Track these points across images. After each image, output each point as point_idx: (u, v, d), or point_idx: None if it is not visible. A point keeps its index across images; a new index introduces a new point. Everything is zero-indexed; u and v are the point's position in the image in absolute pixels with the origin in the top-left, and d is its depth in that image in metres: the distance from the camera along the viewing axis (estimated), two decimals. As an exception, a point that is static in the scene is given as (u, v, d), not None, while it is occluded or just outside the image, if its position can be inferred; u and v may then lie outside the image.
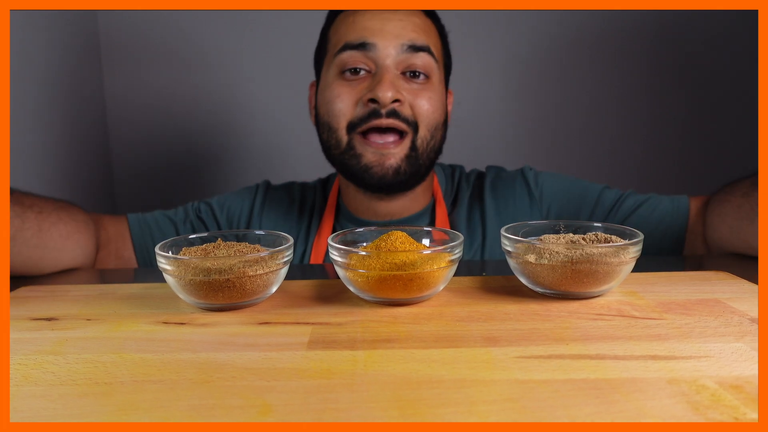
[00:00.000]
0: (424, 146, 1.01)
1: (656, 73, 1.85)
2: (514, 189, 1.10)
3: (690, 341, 0.50)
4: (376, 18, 0.99)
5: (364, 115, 0.98)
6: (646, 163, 1.89)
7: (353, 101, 0.99)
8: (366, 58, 0.99)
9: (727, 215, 0.89)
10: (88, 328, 0.57)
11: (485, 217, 1.07)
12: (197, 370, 0.46)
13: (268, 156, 1.86)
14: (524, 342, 0.51)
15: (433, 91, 1.01)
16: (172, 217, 1.11)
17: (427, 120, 1.00)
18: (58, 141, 1.52)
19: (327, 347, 0.50)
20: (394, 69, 0.99)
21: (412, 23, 1.00)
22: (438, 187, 1.12)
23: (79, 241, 0.93)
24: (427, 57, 1.00)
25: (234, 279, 0.59)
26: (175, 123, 1.83)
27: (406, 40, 0.98)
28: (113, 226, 1.04)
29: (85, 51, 1.69)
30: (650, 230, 0.99)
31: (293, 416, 0.39)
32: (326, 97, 1.02)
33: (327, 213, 1.10)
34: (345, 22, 1.02)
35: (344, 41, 1.00)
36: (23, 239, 0.82)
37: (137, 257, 1.06)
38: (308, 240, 1.10)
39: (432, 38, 1.03)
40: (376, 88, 0.96)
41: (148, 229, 1.07)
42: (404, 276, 0.59)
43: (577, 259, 0.59)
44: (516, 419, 0.37)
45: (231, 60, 1.80)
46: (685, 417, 0.37)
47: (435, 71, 1.02)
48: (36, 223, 0.85)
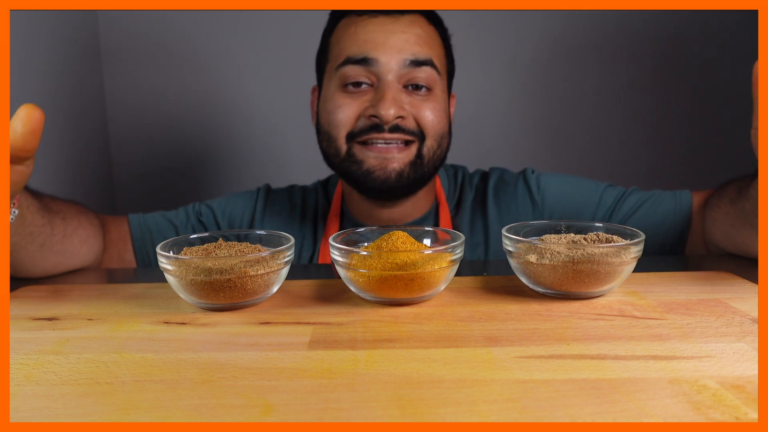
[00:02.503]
0: (430, 155, 1.01)
1: (660, 74, 1.84)
2: (516, 195, 1.09)
3: (691, 341, 0.50)
4: (377, 30, 0.98)
5: (365, 127, 0.98)
6: (650, 163, 1.89)
7: (355, 114, 0.99)
8: (368, 72, 0.98)
9: (717, 220, 0.89)
10: (89, 328, 0.57)
11: (488, 223, 1.07)
12: (198, 370, 0.46)
13: (268, 157, 1.86)
14: (525, 342, 0.51)
15: (436, 102, 1.00)
16: (172, 219, 1.10)
17: (433, 131, 1.00)
18: (58, 142, 1.52)
19: (328, 347, 0.50)
20: (396, 83, 0.98)
21: (415, 35, 0.98)
22: (441, 189, 1.12)
23: (92, 246, 0.93)
24: (429, 70, 0.99)
25: (235, 279, 0.59)
26: (175, 124, 1.83)
27: (409, 55, 0.97)
28: (115, 228, 1.04)
29: (85, 52, 1.68)
30: (653, 228, 0.99)
31: (294, 416, 0.39)
32: (328, 108, 1.01)
33: (332, 217, 1.10)
34: (347, 33, 1.00)
35: (346, 54, 0.99)
36: (50, 245, 0.82)
37: (137, 259, 1.06)
38: (316, 244, 1.09)
39: (435, 48, 1.02)
40: (378, 105, 0.95)
41: (148, 231, 1.07)
42: (405, 276, 0.59)
43: (578, 259, 0.59)
44: (517, 419, 0.37)
45: (232, 61, 1.79)
46: (687, 417, 0.37)
47: (438, 82, 1.01)
48: (62, 230, 0.85)
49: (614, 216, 1.03)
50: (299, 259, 1.09)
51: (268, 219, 1.13)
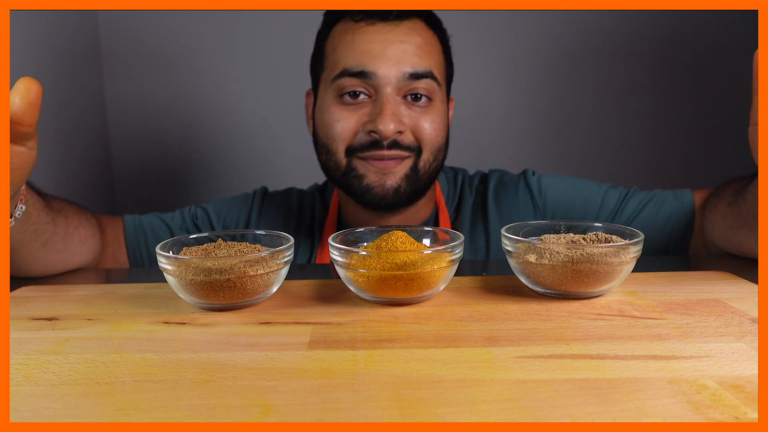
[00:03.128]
0: (426, 168, 1.00)
1: (660, 74, 1.84)
2: (517, 198, 1.08)
3: (690, 341, 0.50)
4: (375, 40, 0.95)
5: (365, 143, 0.96)
6: (650, 163, 1.89)
7: (353, 128, 0.97)
8: (366, 84, 0.95)
9: (716, 222, 0.89)
10: (88, 328, 0.57)
11: (488, 228, 1.06)
12: (198, 370, 0.46)
13: (266, 159, 1.86)
14: (525, 342, 0.51)
15: (435, 113, 0.99)
16: (167, 221, 1.10)
17: (430, 144, 0.98)
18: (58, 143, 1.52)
19: (328, 347, 0.51)
20: (394, 96, 0.96)
21: (414, 45, 0.96)
22: (440, 194, 1.11)
23: (91, 246, 0.93)
24: (429, 82, 0.97)
25: (235, 279, 0.59)
26: (175, 125, 1.83)
27: (408, 67, 0.95)
28: (111, 228, 1.04)
29: (85, 53, 1.68)
30: (657, 229, 0.98)
31: (294, 416, 0.39)
32: (325, 120, 0.99)
33: (329, 224, 1.09)
34: (343, 41, 0.98)
35: (342, 66, 0.96)
36: (53, 244, 0.82)
37: (129, 259, 1.06)
38: (313, 249, 1.09)
39: (434, 57, 0.99)
40: (377, 119, 0.94)
41: (142, 232, 1.06)
42: (405, 276, 0.59)
43: (577, 259, 0.59)
44: (516, 419, 0.38)
45: (231, 62, 1.79)
46: (686, 417, 0.37)
47: (437, 92, 0.99)
48: (63, 228, 0.85)
49: (618, 218, 1.03)
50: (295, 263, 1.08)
51: (263, 223, 1.12)
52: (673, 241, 0.99)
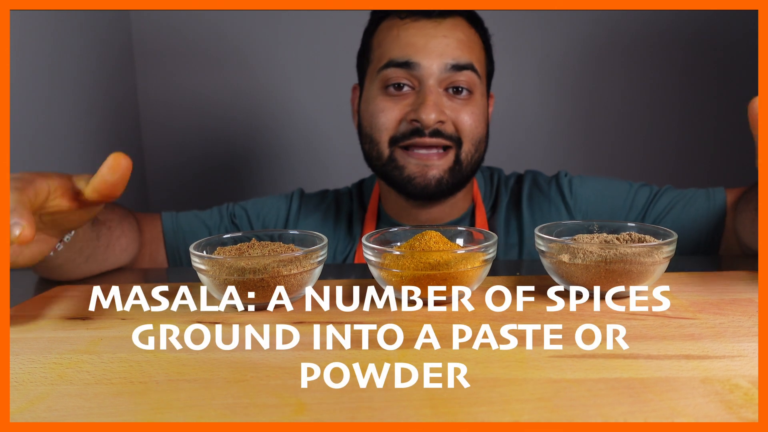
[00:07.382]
0: (468, 159, 1.02)
1: (690, 73, 1.82)
2: (549, 199, 1.09)
3: (723, 341, 0.50)
4: (420, 34, 0.99)
5: (407, 132, 0.99)
6: (681, 163, 1.87)
7: (397, 118, 1.00)
8: (410, 76, 0.99)
9: (746, 225, 0.89)
10: (122, 327, 0.58)
11: (522, 227, 1.07)
12: (231, 369, 0.47)
13: (303, 157, 1.87)
14: (557, 341, 0.51)
15: (475, 106, 1.01)
16: (206, 219, 1.11)
17: (471, 135, 1.01)
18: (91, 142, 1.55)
19: (360, 346, 0.51)
20: (437, 87, 0.99)
21: (456, 40, 0.99)
22: (477, 191, 1.12)
23: (131, 252, 0.95)
24: (470, 74, 0.99)
25: (268, 278, 0.60)
26: (207, 124, 1.85)
27: (450, 59, 0.98)
28: (149, 228, 1.05)
29: (118, 52, 1.71)
30: (686, 228, 0.98)
31: (327, 415, 0.39)
32: (370, 111, 1.03)
33: (369, 218, 1.11)
34: (389, 36, 1.01)
35: (388, 57, 1.00)
36: (95, 257, 0.83)
37: (168, 258, 1.07)
38: (352, 245, 1.10)
39: (475, 52, 1.02)
40: (419, 109, 0.96)
41: (180, 231, 1.08)
42: (438, 275, 0.59)
43: (610, 258, 0.59)
44: (549, 418, 0.38)
45: (265, 61, 1.81)
46: (719, 416, 0.37)
47: (478, 86, 1.02)
48: (106, 240, 0.86)
49: (647, 216, 1.02)
50: (334, 261, 1.09)
51: (303, 220, 1.13)
52: (702, 240, 0.98)
